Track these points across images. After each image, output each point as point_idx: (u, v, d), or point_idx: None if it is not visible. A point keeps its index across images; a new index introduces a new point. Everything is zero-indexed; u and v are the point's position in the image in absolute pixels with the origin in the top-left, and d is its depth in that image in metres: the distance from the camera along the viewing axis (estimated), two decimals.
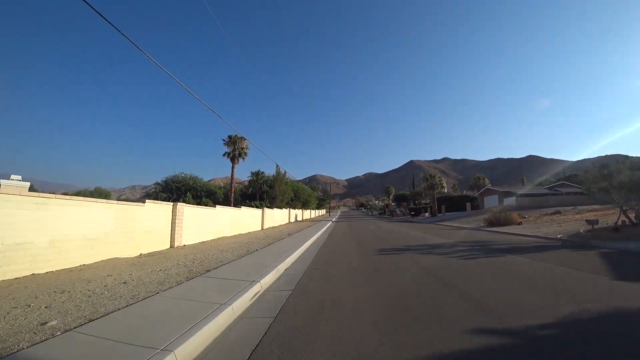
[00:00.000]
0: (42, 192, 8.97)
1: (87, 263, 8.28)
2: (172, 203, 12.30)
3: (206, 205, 19.99)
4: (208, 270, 7.15)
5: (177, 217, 12.23)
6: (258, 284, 5.91)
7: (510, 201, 40.68)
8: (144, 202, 10.77)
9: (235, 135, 34.49)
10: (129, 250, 9.92)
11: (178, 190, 40.38)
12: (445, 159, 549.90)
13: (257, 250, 10.95)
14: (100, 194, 53.75)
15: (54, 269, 7.35)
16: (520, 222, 22.44)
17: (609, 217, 16.71)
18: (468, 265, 8.40)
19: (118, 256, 9.38)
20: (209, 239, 15.49)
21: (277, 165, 40.20)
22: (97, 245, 8.65)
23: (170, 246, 12.12)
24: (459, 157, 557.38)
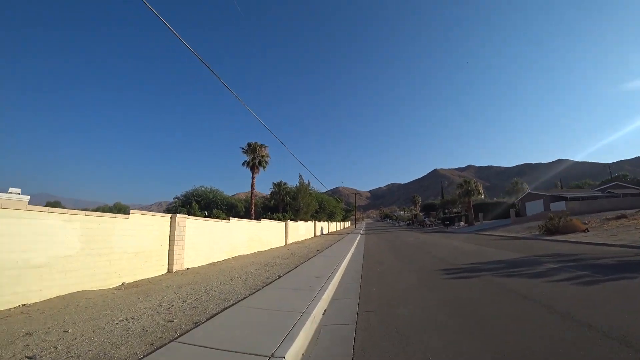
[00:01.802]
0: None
1: (32, 302, 5.63)
2: (169, 215, 9.60)
3: (217, 217, 17.28)
4: (197, 324, 4.22)
5: (176, 232, 9.51)
6: None
7: (558, 205, 36.38)
8: (128, 212, 8.12)
9: (255, 143, 32.23)
10: (106, 278, 7.22)
11: (198, 204, 38.51)
12: (470, 167, 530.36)
13: (280, 276, 7.97)
14: (119, 209, 53.10)
15: None
16: (587, 229, 18.90)
17: None
18: (620, 299, 4.98)
19: (87, 288, 6.70)
20: (222, 259, 12.68)
21: (300, 175, 37.72)
22: (50, 274, 6.00)
23: (168, 270, 9.38)
24: (484, 164, 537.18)
